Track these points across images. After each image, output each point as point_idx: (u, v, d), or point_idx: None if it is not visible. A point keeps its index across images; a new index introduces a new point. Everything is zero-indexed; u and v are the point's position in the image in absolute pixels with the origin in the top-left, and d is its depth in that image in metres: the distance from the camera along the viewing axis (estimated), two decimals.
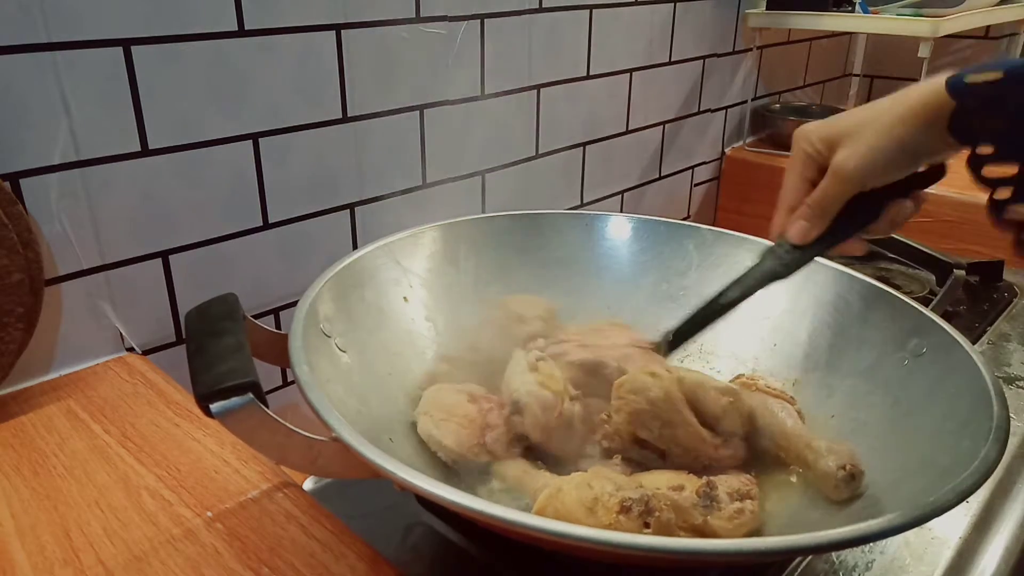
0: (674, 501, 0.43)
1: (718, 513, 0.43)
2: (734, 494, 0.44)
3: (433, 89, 0.85)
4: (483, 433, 0.51)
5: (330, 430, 0.39)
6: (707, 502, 0.43)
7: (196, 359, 0.43)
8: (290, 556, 0.45)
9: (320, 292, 0.53)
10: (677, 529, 0.42)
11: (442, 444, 0.50)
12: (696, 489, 0.44)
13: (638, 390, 0.49)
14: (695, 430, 0.48)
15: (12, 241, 0.56)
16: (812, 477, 0.48)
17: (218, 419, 0.40)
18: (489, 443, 0.50)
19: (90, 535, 0.46)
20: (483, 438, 0.51)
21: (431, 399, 0.54)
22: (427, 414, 0.52)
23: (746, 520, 0.43)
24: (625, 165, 1.18)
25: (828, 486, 0.46)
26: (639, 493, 0.42)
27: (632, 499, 0.41)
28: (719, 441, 0.49)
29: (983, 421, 0.42)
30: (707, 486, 0.44)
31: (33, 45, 0.57)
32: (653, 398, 0.48)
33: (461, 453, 0.50)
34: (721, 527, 0.43)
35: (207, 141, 0.68)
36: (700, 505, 0.43)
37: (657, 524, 0.41)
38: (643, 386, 0.49)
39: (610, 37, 1.05)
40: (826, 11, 1.24)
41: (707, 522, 0.43)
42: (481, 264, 0.67)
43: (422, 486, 0.35)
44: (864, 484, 0.46)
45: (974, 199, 1.13)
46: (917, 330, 0.53)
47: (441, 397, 0.54)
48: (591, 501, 0.42)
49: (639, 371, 0.50)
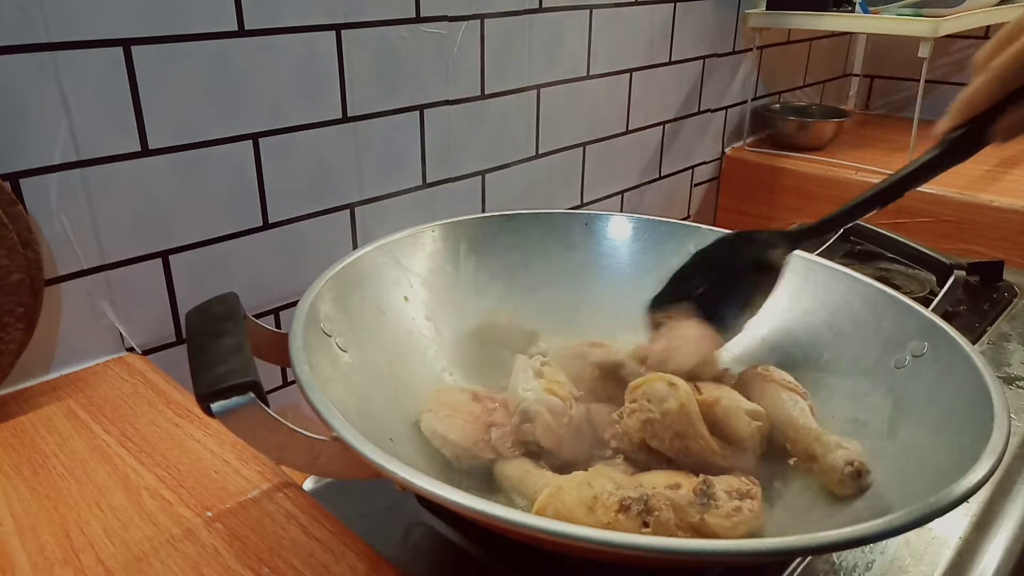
0: (671, 500, 0.43)
1: (715, 511, 0.43)
2: (733, 492, 0.44)
3: (433, 89, 0.85)
4: (488, 430, 0.51)
5: (331, 430, 0.39)
6: (704, 500, 0.43)
7: (196, 359, 0.43)
8: (290, 556, 0.45)
9: (320, 292, 0.53)
10: (676, 528, 0.42)
11: (447, 439, 0.50)
12: (693, 487, 0.44)
13: (653, 398, 0.48)
14: (707, 444, 0.48)
15: (12, 241, 0.56)
16: (817, 470, 0.48)
17: (219, 418, 0.40)
18: (494, 440, 0.51)
19: (90, 535, 0.46)
20: (488, 435, 0.51)
21: (434, 397, 0.54)
22: (431, 411, 0.52)
23: (745, 519, 0.43)
24: (625, 165, 1.18)
25: (833, 481, 0.46)
26: (638, 492, 0.42)
27: (631, 498, 0.41)
28: (729, 452, 0.49)
29: (983, 421, 0.42)
30: (703, 484, 0.44)
31: (33, 45, 0.57)
32: (668, 409, 0.48)
33: (466, 448, 0.50)
34: (718, 525, 0.43)
35: (207, 141, 0.68)
36: (697, 503, 0.43)
37: (656, 523, 0.41)
38: (659, 395, 0.48)
39: (610, 37, 1.05)
40: (826, 11, 1.24)
41: (704, 520, 0.43)
42: (481, 264, 0.67)
43: (423, 486, 0.35)
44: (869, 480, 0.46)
45: (974, 199, 1.13)
46: (917, 331, 0.53)
47: (444, 396, 0.54)
48: (591, 500, 0.42)
49: (656, 377, 0.50)
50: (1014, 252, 1.07)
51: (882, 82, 1.72)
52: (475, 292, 0.65)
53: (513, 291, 0.66)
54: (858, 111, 1.74)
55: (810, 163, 1.31)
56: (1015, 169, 1.27)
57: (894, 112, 1.71)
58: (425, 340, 0.62)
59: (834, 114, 1.45)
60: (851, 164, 1.28)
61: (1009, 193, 1.13)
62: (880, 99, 1.73)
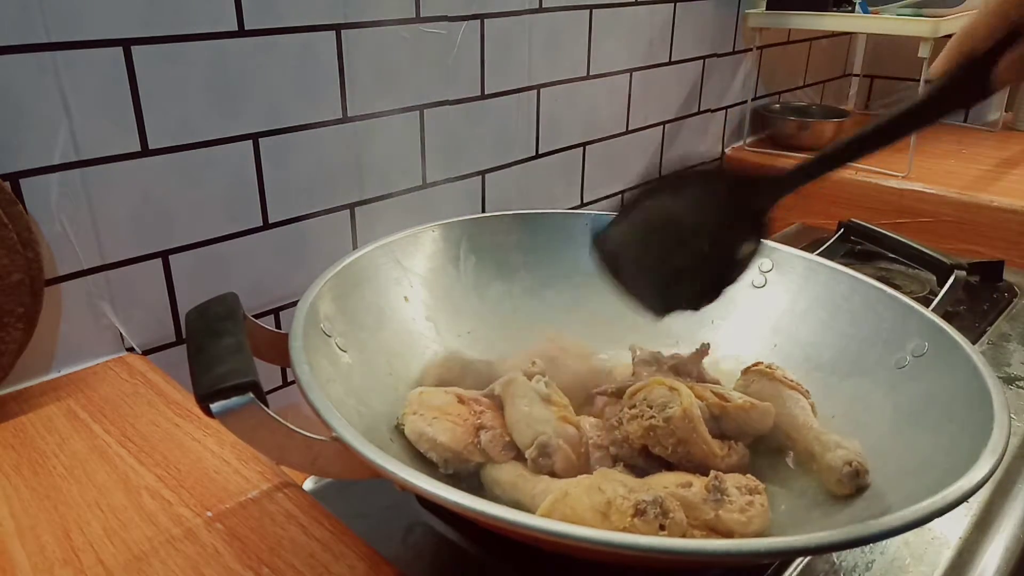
0: (684, 498, 0.42)
1: (729, 506, 0.43)
2: (742, 488, 0.44)
3: (433, 89, 0.85)
4: (477, 433, 0.50)
5: (331, 430, 0.39)
6: (717, 496, 0.43)
7: (196, 359, 0.43)
8: (290, 556, 0.45)
9: (320, 292, 0.53)
10: (690, 527, 0.42)
11: (436, 441, 0.49)
12: (705, 484, 0.44)
13: (655, 404, 0.48)
14: (709, 448, 0.48)
15: (12, 241, 0.56)
16: (816, 469, 0.48)
17: (218, 419, 0.40)
18: (484, 443, 0.50)
19: (90, 535, 0.46)
20: (477, 438, 0.50)
21: (418, 400, 0.53)
22: (417, 414, 0.51)
23: (757, 512, 0.43)
24: (625, 165, 1.18)
25: (831, 480, 0.46)
26: (652, 495, 0.41)
27: (646, 501, 0.41)
28: (726, 451, 0.49)
29: (983, 421, 0.42)
30: (715, 479, 0.44)
31: (33, 45, 0.57)
32: (671, 415, 0.47)
33: (456, 451, 0.49)
34: (734, 520, 0.42)
35: (207, 141, 0.68)
36: (711, 499, 0.43)
37: (672, 525, 0.41)
38: (661, 401, 0.48)
39: (610, 37, 1.05)
40: (826, 11, 1.24)
41: (719, 517, 0.42)
42: (481, 264, 0.67)
43: (424, 486, 0.35)
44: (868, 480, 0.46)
45: (974, 199, 1.13)
46: (918, 331, 0.53)
47: (429, 398, 0.53)
48: (604, 505, 0.41)
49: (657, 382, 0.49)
50: (1014, 252, 1.07)
51: (882, 82, 1.72)
52: (475, 292, 0.66)
53: (513, 291, 0.67)
54: (858, 111, 1.74)
55: None
56: (1015, 169, 1.27)
57: None
58: (425, 340, 0.62)
59: (834, 114, 1.45)
60: (851, 164, 1.28)
61: (1009, 193, 1.13)
62: (880, 99, 1.73)
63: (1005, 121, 1.54)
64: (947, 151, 1.35)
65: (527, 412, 0.50)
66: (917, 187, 1.18)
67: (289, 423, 0.42)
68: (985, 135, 1.49)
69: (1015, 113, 1.53)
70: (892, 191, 1.19)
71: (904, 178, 1.19)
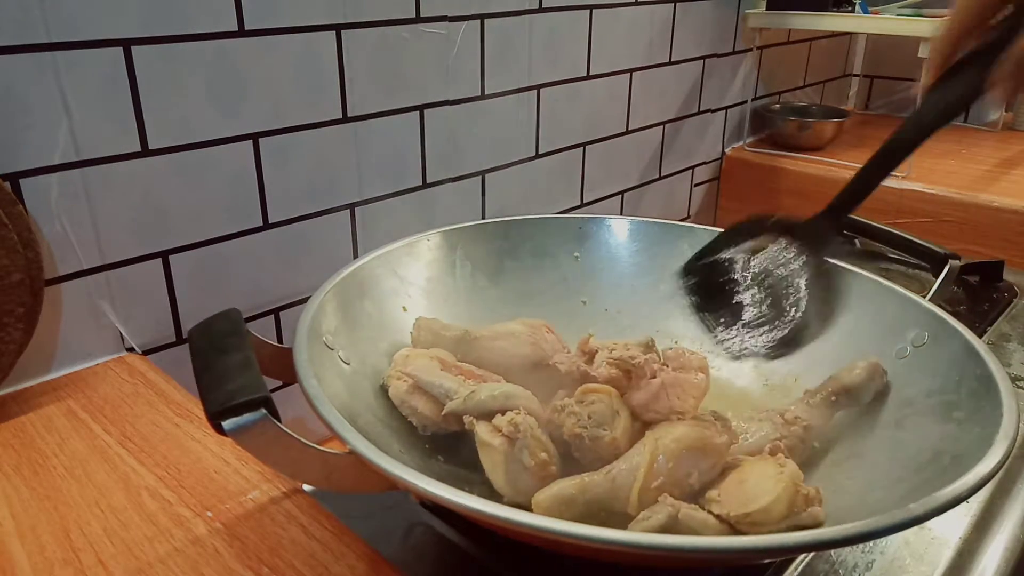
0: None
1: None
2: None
3: (433, 89, 0.85)
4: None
5: (345, 444, 0.39)
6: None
7: (204, 377, 0.42)
8: (290, 556, 0.45)
9: (321, 305, 0.53)
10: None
11: (416, 410, 0.50)
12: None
13: (594, 418, 0.47)
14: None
15: (12, 241, 0.56)
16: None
17: (231, 436, 0.39)
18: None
19: (90, 535, 0.46)
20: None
21: (403, 362, 0.53)
22: (400, 379, 0.51)
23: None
24: (625, 165, 1.18)
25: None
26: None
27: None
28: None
29: (991, 408, 0.42)
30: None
31: (33, 45, 0.57)
32: (598, 437, 0.46)
33: (435, 420, 0.50)
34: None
35: (207, 141, 0.68)
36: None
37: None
38: (600, 419, 0.47)
39: (610, 37, 1.05)
40: (826, 11, 1.24)
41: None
42: (477, 270, 0.67)
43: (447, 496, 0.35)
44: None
45: (974, 199, 1.13)
46: (916, 321, 0.54)
47: (413, 362, 0.53)
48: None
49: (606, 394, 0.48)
50: (1014, 252, 1.07)
51: (882, 82, 1.72)
52: (471, 299, 0.66)
53: (508, 297, 0.66)
54: (858, 111, 1.74)
55: (810, 163, 1.31)
56: (1015, 169, 1.28)
57: (894, 112, 1.71)
58: None
59: (834, 114, 1.45)
60: (851, 164, 1.28)
61: (1009, 193, 1.13)
62: (880, 99, 1.73)
63: (1005, 121, 1.54)
64: (947, 151, 1.36)
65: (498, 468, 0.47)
66: (917, 187, 1.18)
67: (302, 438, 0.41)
68: (985, 135, 1.49)
69: (1015, 113, 1.53)
70: (892, 191, 1.19)
71: (904, 178, 1.19)
